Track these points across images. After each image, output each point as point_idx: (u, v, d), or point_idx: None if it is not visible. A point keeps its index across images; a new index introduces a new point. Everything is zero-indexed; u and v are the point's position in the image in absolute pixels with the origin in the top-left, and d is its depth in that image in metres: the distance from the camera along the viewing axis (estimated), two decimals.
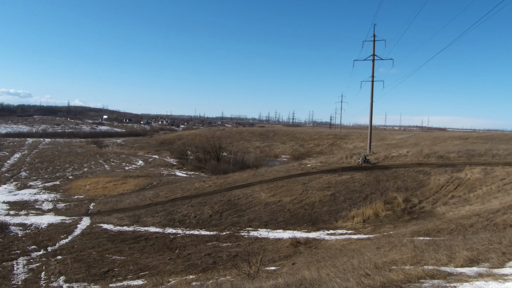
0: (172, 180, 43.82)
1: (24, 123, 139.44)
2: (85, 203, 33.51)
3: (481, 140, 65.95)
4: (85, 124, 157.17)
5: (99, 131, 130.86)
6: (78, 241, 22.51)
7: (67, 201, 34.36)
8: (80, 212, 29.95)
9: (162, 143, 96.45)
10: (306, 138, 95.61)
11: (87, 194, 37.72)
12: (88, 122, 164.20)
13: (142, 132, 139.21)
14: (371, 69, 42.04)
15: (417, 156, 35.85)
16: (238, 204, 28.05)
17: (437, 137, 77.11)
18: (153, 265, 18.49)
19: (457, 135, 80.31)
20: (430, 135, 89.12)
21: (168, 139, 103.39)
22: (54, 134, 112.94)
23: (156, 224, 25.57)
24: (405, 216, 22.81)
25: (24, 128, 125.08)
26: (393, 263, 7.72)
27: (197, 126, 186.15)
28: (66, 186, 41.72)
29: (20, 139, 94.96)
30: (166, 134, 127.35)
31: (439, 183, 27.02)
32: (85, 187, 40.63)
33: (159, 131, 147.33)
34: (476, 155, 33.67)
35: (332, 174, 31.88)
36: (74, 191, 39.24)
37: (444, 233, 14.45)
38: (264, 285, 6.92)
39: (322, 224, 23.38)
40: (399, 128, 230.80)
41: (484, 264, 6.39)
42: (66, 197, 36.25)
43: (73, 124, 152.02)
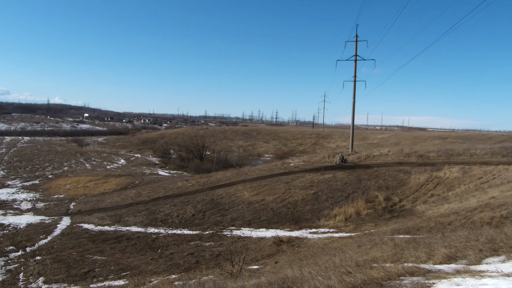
0: (155, 179, 43.46)
1: (2, 121, 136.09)
2: (65, 202, 32.95)
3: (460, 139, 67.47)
4: (66, 122, 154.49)
5: (80, 130, 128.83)
6: (58, 241, 22.11)
7: (46, 201, 33.72)
8: (60, 212, 29.43)
9: (145, 142, 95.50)
10: (289, 137, 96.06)
11: (67, 193, 37.10)
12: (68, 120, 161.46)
13: (124, 130, 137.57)
14: (354, 69, 42.49)
15: (398, 155, 36.41)
16: (221, 203, 28.00)
17: (417, 137, 78.49)
18: (134, 265, 18.30)
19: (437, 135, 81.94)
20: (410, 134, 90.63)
21: (150, 137, 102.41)
22: (33, 132, 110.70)
23: (138, 223, 25.32)
24: (386, 214, 23.13)
25: (2, 126, 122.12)
26: (374, 261, 7.83)
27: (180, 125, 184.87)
28: (45, 186, 40.94)
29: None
30: (148, 132, 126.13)
31: (419, 182, 27.50)
32: (65, 186, 39.95)
33: (142, 129, 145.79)
34: (454, 155, 34.39)
35: (315, 173, 32.11)
36: (54, 190, 38.54)
37: (423, 231, 14.71)
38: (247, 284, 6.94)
39: (304, 223, 23.52)
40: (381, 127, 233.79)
41: (462, 261, 6.54)
42: (45, 197, 35.57)
43: (53, 122, 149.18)
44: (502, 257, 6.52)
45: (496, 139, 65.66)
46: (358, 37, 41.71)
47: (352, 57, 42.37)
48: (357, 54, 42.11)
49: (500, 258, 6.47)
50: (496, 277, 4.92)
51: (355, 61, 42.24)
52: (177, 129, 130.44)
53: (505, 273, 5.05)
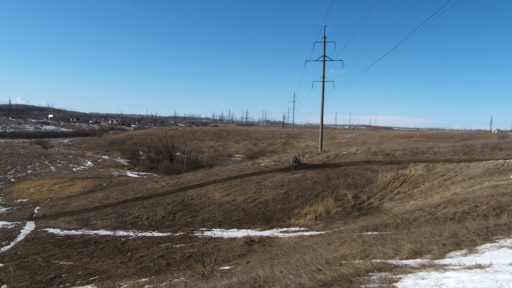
0: (123, 181, 42.60)
1: None
2: (29, 207, 31.80)
3: (424, 138, 69.71)
4: (29, 123, 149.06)
5: (44, 131, 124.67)
6: (21, 247, 21.31)
7: (9, 205, 32.46)
8: (24, 217, 28.37)
9: (112, 143, 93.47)
10: (259, 137, 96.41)
11: (31, 197, 35.83)
12: (31, 122, 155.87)
13: (90, 132, 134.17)
14: (322, 70, 43.17)
15: (366, 154, 37.24)
16: (191, 205, 27.78)
17: (384, 136, 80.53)
18: (103, 269, 17.88)
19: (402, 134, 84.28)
20: (377, 134, 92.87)
21: (118, 139, 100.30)
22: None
23: (106, 227, 24.76)
24: (354, 212, 23.62)
25: None
26: (344, 258, 8.00)
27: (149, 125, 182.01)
28: (7, 190, 39.38)
29: None
30: (116, 134, 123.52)
31: (385, 179, 28.24)
32: (29, 190, 38.56)
33: (109, 130, 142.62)
34: (419, 153, 35.51)
35: (285, 173, 32.38)
36: (17, 194, 37.14)
37: (390, 227, 15.11)
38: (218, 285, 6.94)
39: (275, 222, 23.68)
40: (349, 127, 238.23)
41: (427, 256, 6.78)
42: (7, 201, 34.23)
43: (15, 123, 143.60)
44: (464, 251, 6.81)
45: (458, 138, 68.28)
46: (326, 38, 42.43)
47: (321, 58, 43.03)
48: (325, 55, 42.81)
49: (462, 252, 6.75)
50: (458, 270, 5.13)
51: (323, 61, 42.90)
52: (146, 130, 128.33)
53: (467, 266, 5.28)
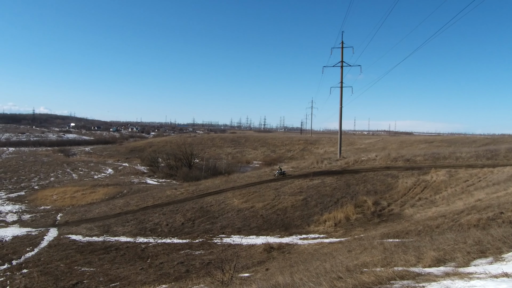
0: (143, 188, 43.09)
1: None
2: (52, 213, 32.43)
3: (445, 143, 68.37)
4: (52, 132, 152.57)
5: (66, 139, 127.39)
6: (45, 254, 21.73)
7: (33, 212, 33.16)
8: (47, 223, 28.95)
9: (132, 151, 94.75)
10: (277, 143, 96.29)
11: (54, 204, 36.54)
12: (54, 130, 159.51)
13: (111, 139, 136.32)
14: (340, 75, 42.92)
15: (385, 160, 36.75)
16: (210, 211, 27.87)
17: (404, 141, 79.34)
18: (124, 275, 18.07)
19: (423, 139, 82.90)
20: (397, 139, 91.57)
21: (138, 146, 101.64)
22: (19, 143, 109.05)
23: (126, 233, 25.04)
24: (375, 219, 23.28)
25: None
26: (364, 266, 7.88)
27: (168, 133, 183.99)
28: (31, 197, 40.27)
29: None
30: (136, 141, 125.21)
31: (406, 185, 27.77)
32: (52, 197, 39.36)
33: (129, 138, 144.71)
34: (441, 158, 34.84)
35: (304, 179, 32.20)
36: (40, 201, 37.93)
37: (412, 234, 14.83)
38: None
39: (294, 229, 23.53)
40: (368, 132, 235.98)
41: (451, 264, 6.62)
42: (31, 208, 34.98)
43: (39, 132, 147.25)
44: (489, 259, 6.63)
45: (481, 142, 66.71)
46: (343, 43, 42.23)
47: (338, 64, 42.83)
48: (343, 60, 42.57)
49: (488, 260, 6.57)
50: (484, 278, 4.99)
51: (341, 67, 42.68)
52: (165, 137, 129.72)
53: (493, 275, 5.14)
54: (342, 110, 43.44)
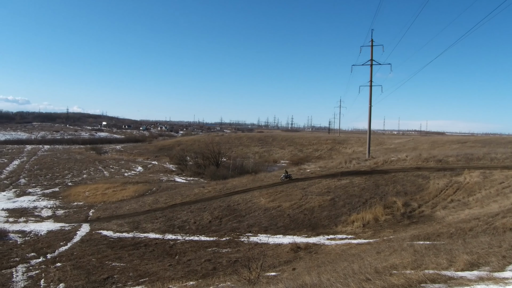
0: (172, 186, 43.77)
1: (23, 130, 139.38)
2: (84, 209, 33.43)
3: (479, 144, 66.10)
4: (84, 130, 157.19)
5: (98, 138, 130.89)
6: (77, 248, 22.43)
7: (66, 208, 34.28)
8: (80, 219, 29.87)
9: (161, 149, 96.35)
10: (305, 143, 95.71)
11: (86, 200, 37.64)
12: (87, 129, 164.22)
13: (141, 138, 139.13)
14: (369, 74, 42.23)
15: (416, 160, 35.90)
16: (237, 210, 28.02)
17: (436, 141, 77.27)
18: (152, 271, 18.43)
19: (455, 139, 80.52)
20: (428, 139, 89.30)
21: (167, 145, 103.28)
22: (53, 141, 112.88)
23: (155, 230, 25.52)
24: (404, 220, 22.81)
25: (23, 135, 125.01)
26: (394, 268, 7.72)
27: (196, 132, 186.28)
28: (65, 193, 41.63)
29: (19, 146, 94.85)
30: (165, 140, 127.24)
31: (438, 187, 27.05)
32: (84, 193, 40.54)
33: (158, 137, 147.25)
34: (474, 159, 33.73)
35: (332, 179, 31.89)
36: (73, 197, 39.16)
37: (444, 237, 14.45)
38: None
39: (321, 229, 23.35)
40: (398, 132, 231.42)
41: (485, 268, 6.40)
42: (65, 204, 36.17)
43: (72, 130, 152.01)
44: None
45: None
46: (373, 41, 41.50)
47: (368, 62, 42.14)
48: (372, 58, 41.86)
49: None
50: None
51: (371, 65, 41.99)
52: (193, 136, 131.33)
53: None
54: (371, 109, 42.77)
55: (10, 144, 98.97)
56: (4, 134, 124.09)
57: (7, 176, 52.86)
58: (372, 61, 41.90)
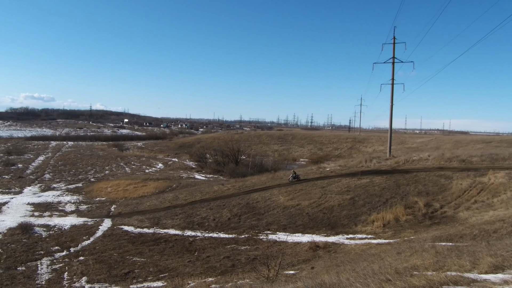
0: (191, 183, 44.15)
1: (48, 127, 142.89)
2: (107, 205, 34.07)
3: (505, 143, 64.36)
4: (107, 127, 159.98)
5: (120, 135, 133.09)
6: (99, 243, 22.90)
7: (89, 203, 35.00)
8: (102, 214, 30.46)
9: (181, 146, 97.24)
10: (324, 141, 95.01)
11: (108, 196, 38.35)
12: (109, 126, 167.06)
13: (161, 135, 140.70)
14: (391, 72, 41.56)
15: (439, 160, 35.21)
16: (256, 207, 28.08)
17: (459, 141, 75.58)
18: (172, 267, 18.67)
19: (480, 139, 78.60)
20: (451, 138, 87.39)
21: (187, 142, 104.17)
22: (77, 137, 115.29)
23: (175, 226, 25.81)
24: (426, 221, 22.42)
25: (48, 132, 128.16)
26: (415, 269, 7.61)
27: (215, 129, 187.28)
28: (88, 188, 42.51)
29: (44, 142, 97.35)
30: (185, 137, 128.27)
31: (461, 187, 26.48)
32: (107, 189, 41.30)
33: (179, 134, 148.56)
34: (499, 159, 32.85)
35: (351, 178, 31.59)
36: (96, 193, 39.94)
37: (467, 238, 14.15)
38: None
39: (341, 228, 23.19)
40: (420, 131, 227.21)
41: (510, 271, 6.25)
42: (88, 199, 36.94)
43: (95, 127, 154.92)
44: None
45: None
46: (395, 39, 40.82)
47: (390, 60, 41.48)
48: (394, 56, 41.18)
49: None
50: None
51: (392, 63, 41.32)
52: (213, 133, 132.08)
53: None
54: (392, 107, 42.12)
55: (35, 140, 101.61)
56: (30, 130, 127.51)
57: (33, 172, 54.33)
58: (394, 59, 41.24)
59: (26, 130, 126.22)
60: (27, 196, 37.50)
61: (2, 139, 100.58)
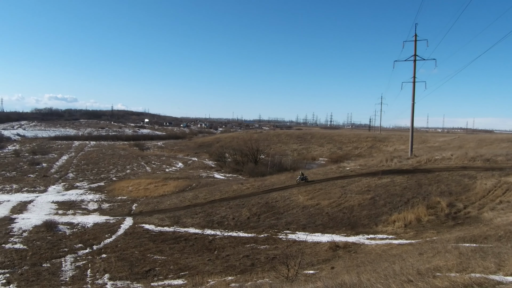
0: (211, 182, 44.43)
1: (71, 127, 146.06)
2: (128, 203, 34.61)
3: None
4: (128, 127, 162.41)
5: (141, 134, 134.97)
6: (121, 241, 23.29)
7: (111, 202, 35.63)
8: (123, 213, 30.97)
9: (201, 146, 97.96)
10: (344, 140, 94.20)
11: (129, 195, 38.94)
12: (130, 126, 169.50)
13: (181, 135, 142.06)
14: (413, 70, 40.85)
15: (462, 159, 34.46)
16: (275, 207, 28.06)
17: (483, 140, 73.80)
18: (192, 265, 18.83)
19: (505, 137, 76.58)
20: (475, 137, 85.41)
21: (206, 141, 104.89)
22: (99, 137, 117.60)
23: (195, 225, 26.03)
24: (449, 221, 21.99)
25: (71, 131, 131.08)
26: (437, 270, 7.48)
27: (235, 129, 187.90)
28: (110, 187, 43.26)
29: (68, 142, 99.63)
30: (204, 137, 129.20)
31: (485, 187, 25.84)
32: (128, 188, 41.95)
33: (198, 134, 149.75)
34: None
35: (372, 178, 31.23)
36: (118, 192, 40.61)
37: (491, 239, 13.80)
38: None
39: (361, 228, 22.95)
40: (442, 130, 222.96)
41: None
42: (110, 198, 37.60)
43: (116, 127, 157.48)
44: None
45: None
46: (417, 36, 40.10)
47: (411, 57, 40.79)
48: (416, 54, 40.47)
49: None
50: None
51: (414, 61, 40.62)
52: (232, 133, 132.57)
53: None
54: (414, 106, 41.40)
55: (59, 140, 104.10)
56: (54, 130, 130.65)
57: (57, 171, 55.66)
58: (415, 56, 40.53)
59: (50, 130, 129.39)
60: (51, 195, 38.44)
61: (27, 139, 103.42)
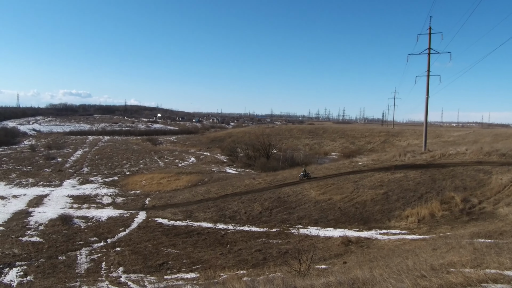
0: (223, 177, 44.57)
1: (85, 122, 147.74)
2: (141, 198, 34.96)
3: None
4: (141, 122, 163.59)
5: (154, 129, 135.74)
6: (135, 234, 23.58)
7: (124, 196, 36.03)
8: (137, 207, 31.30)
9: (213, 141, 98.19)
10: (357, 135, 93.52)
11: (143, 189, 39.31)
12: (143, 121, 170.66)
13: (193, 129, 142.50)
14: (427, 63, 40.24)
15: (477, 154, 33.95)
16: (287, 202, 28.06)
17: (499, 134, 72.57)
18: (205, 259, 18.99)
19: None
20: (491, 132, 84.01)
21: (218, 136, 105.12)
22: (112, 132, 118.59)
23: (207, 219, 26.20)
24: (463, 216, 21.74)
25: (85, 127, 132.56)
26: (451, 265, 7.41)
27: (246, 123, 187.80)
28: (123, 182, 43.71)
29: (82, 137, 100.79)
30: (216, 131, 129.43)
31: (501, 182, 25.44)
32: (141, 182, 42.33)
33: (210, 128, 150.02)
34: None
35: (385, 172, 30.99)
36: (131, 186, 41.03)
37: (507, 235, 13.62)
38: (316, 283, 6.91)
39: (374, 223, 22.84)
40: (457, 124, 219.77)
41: None
42: (123, 192, 38.01)
43: (130, 122, 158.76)
44: None
45: None
46: (431, 29, 39.45)
47: (425, 51, 40.17)
48: (430, 47, 39.83)
49: None
50: None
51: (428, 54, 40.01)
52: (244, 128, 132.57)
53: None
54: (428, 100, 40.86)
55: (74, 135, 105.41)
56: (69, 125, 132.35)
57: (72, 165, 56.42)
58: (430, 50, 39.91)
59: (65, 125, 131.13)
60: (66, 189, 39.03)
61: (43, 134, 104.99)
